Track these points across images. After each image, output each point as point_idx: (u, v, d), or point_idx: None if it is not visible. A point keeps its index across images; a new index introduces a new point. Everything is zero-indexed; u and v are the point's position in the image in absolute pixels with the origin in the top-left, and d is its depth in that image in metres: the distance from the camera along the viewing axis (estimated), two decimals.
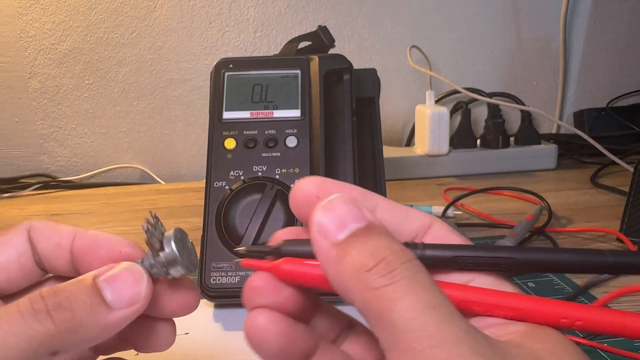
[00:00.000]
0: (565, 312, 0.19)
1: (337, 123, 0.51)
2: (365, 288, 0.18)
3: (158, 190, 0.86)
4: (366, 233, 0.19)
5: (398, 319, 0.17)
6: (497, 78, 1.00)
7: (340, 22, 0.95)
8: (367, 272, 0.18)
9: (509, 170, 0.87)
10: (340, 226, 0.20)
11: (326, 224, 0.20)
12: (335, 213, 0.20)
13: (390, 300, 0.17)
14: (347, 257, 0.19)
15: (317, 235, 0.20)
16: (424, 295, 0.18)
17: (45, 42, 0.91)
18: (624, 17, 1.00)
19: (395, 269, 0.18)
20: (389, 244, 0.19)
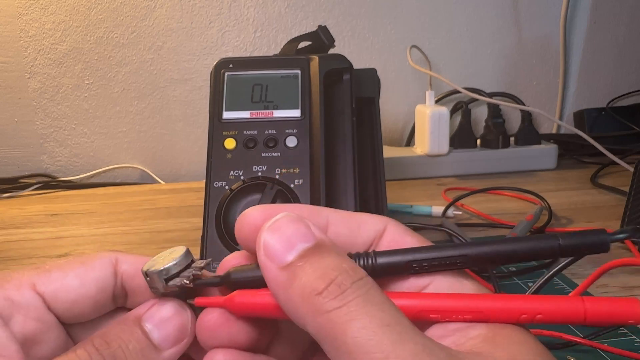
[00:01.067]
0: (524, 307, 0.19)
1: (337, 123, 0.51)
2: (317, 312, 0.18)
3: (158, 190, 0.86)
4: (315, 253, 0.19)
5: (351, 341, 0.17)
6: (497, 78, 1.00)
7: (340, 22, 0.95)
8: (317, 296, 0.18)
9: (509, 170, 0.87)
10: (288, 247, 0.19)
11: (273, 246, 0.19)
12: (282, 233, 0.19)
13: (343, 322, 0.17)
14: (297, 281, 0.18)
15: (265, 259, 0.19)
16: (376, 314, 0.17)
17: (45, 42, 0.91)
18: (624, 17, 1.00)
19: (346, 290, 0.18)
20: (339, 263, 0.19)
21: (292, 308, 0.18)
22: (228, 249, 0.45)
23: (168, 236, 0.64)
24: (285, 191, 0.46)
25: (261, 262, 0.19)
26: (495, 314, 0.19)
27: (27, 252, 0.61)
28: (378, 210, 0.55)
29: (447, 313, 0.19)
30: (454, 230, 0.53)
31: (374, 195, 0.56)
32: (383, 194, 0.55)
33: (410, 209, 0.68)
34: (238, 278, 0.21)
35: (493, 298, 0.19)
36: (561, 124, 0.95)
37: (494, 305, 0.19)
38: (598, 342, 0.37)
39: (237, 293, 0.21)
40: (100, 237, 0.65)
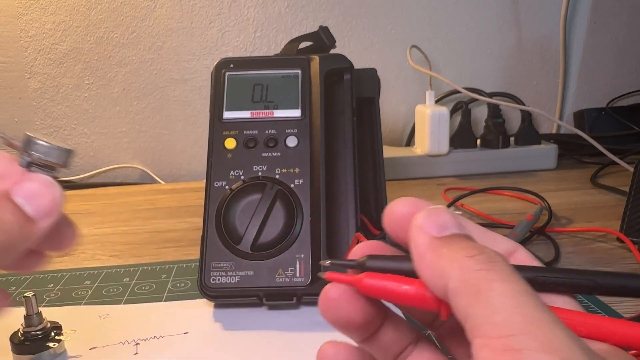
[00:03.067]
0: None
1: (338, 123, 0.51)
2: (465, 269, 0.19)
3: (158, 190, 0.86)
4: (466, 237, 0.21)
5: (496, 294, 0.18)
6: (497, 78, 1.00)
7: (340, 22, 0.95)
8: (469, 258, 0.19)
9: (509, 170, 0.87)
10: (441, 227, 0.21)
11: (428, 224, 0.21)
12: (438, 217, 0.21)
13: (490, 280, 0.18)
14: (448, 247, 0.20)
15: (419, 230, 0.21)
16: (520, 283, 0.18)
17: (45, 42, 0.91)
18: (624, 17, 1.00)
19: (494, 261, 0.19)
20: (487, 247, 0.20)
21: (438, 267, 0.20)
22: (228, 249, 0.45)
23: (168, 236, 0.64)
24: (285, 191, 0.46)
25: (413, 234, 0.21)
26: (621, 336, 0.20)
27: None
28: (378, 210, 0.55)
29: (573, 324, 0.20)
30: None
31: (374, 195, 0.56)
32: (383, 194, 0.55)
33: None
34: (373, 266, 0.23)
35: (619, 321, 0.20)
36: (561, 124, 0.95)
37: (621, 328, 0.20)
38: None
39: (367, 274, 0.22)
40: (100, 237, 0.65)
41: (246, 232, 0.45)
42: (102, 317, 0.45)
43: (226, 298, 0.45)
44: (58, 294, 0.49)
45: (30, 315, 0.38)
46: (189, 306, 0.46)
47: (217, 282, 0.44)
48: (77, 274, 0.54)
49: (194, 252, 0.58)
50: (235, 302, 0.45)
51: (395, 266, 0.22)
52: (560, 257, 0.53)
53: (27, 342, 0.38)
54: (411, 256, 0.21)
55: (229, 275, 0.44)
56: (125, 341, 0.41)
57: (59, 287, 0.51)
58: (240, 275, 0.44)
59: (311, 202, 0.46)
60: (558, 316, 0.19)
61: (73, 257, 0.59)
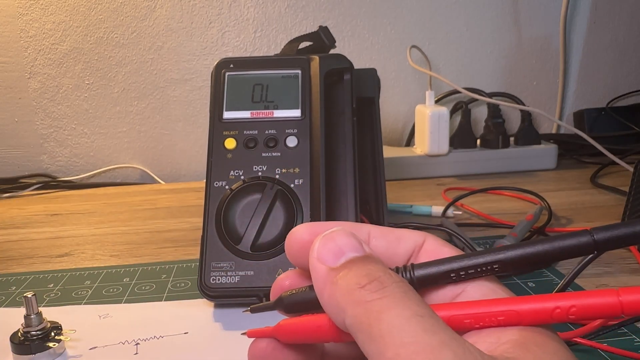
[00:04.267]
0: (556, 303, 0.19)
1: (338, 123, 0.51)
2: (357, 303, 0.19)
3: (158, 190, 0.86)
4: (362, 260, 0.20)
5: (385, 327, 0.18)
6: (497, 78, 1.00)
7: (340, 22, 0.95)
8: (360, 289, 0.19)
9: (509, 170, 0.87)
10: (338, 254, 0.21)
11: (325, 252, 0.21)
12: (335, 243, 0.21)
13: (380, 311, 0.18)
14: (343, 278, 0.20)
15: (316, 262, 0.21)
16: (411, 306, 0.18)
17: (45, 42, 0.91)
18: (624, 17, 1.00)
19: (386, 286, 0.19)
20: (383, 268, 0.20)
21: (335, 303, 0.20)
22: (228, 249, 0.45)
23: (168, 236, 0.64)
24: (285, 191, 0.46)
25: (312, 265, 0.21)
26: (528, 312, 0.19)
27: (27, 252, 0.61)
28: (378, 210, 0.55)
29: (479, 317, 0.20)
30: (454, 230, 0.54)
31: (374, 195, 0.56)
32: (383, 194, 0.55)
33: (410, 209, 0.68)
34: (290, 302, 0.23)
35: (524, 298, 0.20)
36: (561, 124, 0.95)
37: (527, 304, 0.19)
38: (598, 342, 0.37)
39: (284, 322, 0.22)
40: (100, 237, 0.65)
41: (246, 232, 0.45)
42: (102, 317, 0.45)
43: (226, 298, 0.45)
44: (58, 294, 0.49)
45: (30, 315, 0.38)
46: (189, 306, 0.46)
47: (217, 282, 0.44)
48: (77, 274, 0.54)
49: (194, 252, 0.58)
50: (235, 302, 0.45)
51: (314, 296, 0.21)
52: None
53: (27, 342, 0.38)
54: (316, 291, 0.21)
55: (229, 275, 0.44)
56: (125, 341, 0.41)
57: (59, 287, 0.51)
58: (240, 275, 0.44)
59: (311, 202, 0.46)
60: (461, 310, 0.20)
61: (73, 257, 0.59)
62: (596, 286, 0.47)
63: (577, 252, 0.20)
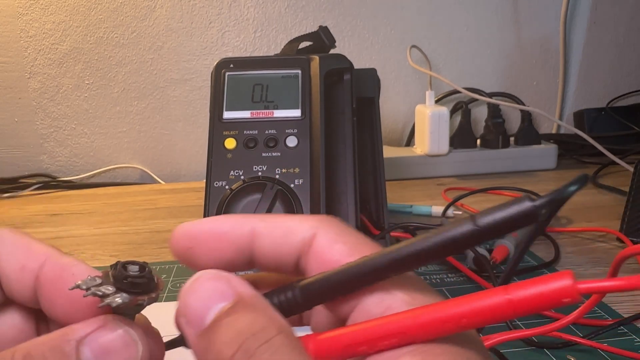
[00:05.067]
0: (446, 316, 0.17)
1: (338, 123, 0.51)
2: None
3: (158, 190, 0.86)
4: (232, 312, 0.18)
5: None
6: (497, 78, 1.00)
7: (340, 22, 0.95)
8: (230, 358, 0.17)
9: (509, 170, 0.87)
10: (205, 309, 0.18)
11: (191, 310, 0.19)
12: (199, 295, 0.19)
13: None
14: (210, 349, 0.18)
15: (184, 325, 0.19)
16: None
17: (45, 42, 0.91)
18: (624, 17, 1.00)
19: (252, 355, 0.17)
20: (253, 322, 0.18)
21: None
22: None
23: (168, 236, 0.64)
24: (285, 191, 0.46)
25: (180, 327, 0.19)
26: (418, 331, 0.17)
27: None
28: (378, 210, 0.55)
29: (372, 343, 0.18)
30: None
31: (374, 195, 0.56)
32: (383, 194, 0.55)
33: (410, 209, 0.68)
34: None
35: (413, 313, 0.18)
36: (561, 124, 0.95)
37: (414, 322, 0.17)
38: (598, 342, 0.37)
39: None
40: (100, 237, 0.65)
41: None
42: None
43: None
44: None
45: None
46: None
47: None
48: None
49: None
50: None
51: None
52: (560, 257, 0.53)
53: None
54: None
55: None
56: None
57: None
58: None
59: (311, 202, 0.46)
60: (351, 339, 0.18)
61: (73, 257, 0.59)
62: None
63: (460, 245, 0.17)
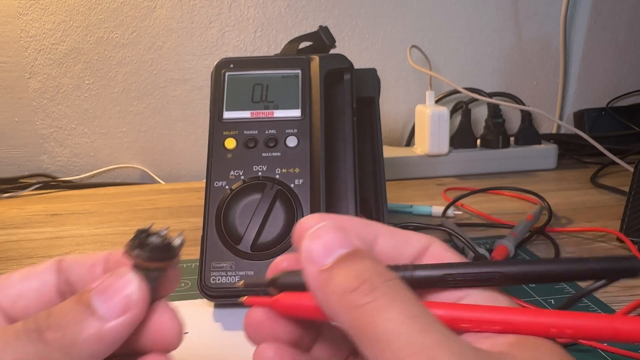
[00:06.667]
0: (554, 322, 0.19)
1: (338, 123, 0.51)
2: (350, 308, 0.19)
3: (158, 190, 0.86)
4: (351, 257, 0.20)
5: (381, 331, 0.18)
6: (497, 78, 1.00)
7: (340, 22, 0.95)
8: (351, 293, 0.19)
9: (509, 170, 0.87)
10: (327, 252, 0.21)
11: (313, 251, 0.21)
12: (322, 240, 0.21)
13: (373, 315, 0.18)
14: (333, 281, 0.20)
15: (306, 263, 0.21)
16: (404, 308, 0.18)
17: (45, 42, 0.91)
18: (624, 17, 1.00)
19: (377, 288, 0.19)
20: (372, 266, 0.20)
21: (330, 306, 0.20)
22: (228, 249, 0.45)
23: None
24: (285, 191, 0.46)
25: (303, 266, 0.21)
26: (525, 326, 0.20)
27: (27, 252, 0.61)
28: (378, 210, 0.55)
29: (477, 323, 0.20)
30: (454, 230, 0.54)
31: (374, 195, 0.56)
32: (383, 194, 0.55)
33: (410, 209, 0.68)
34: (283, 282, 0.23)
35: (524, 311, 0.20)
36: (561, 124, 0.95)
37: (525, 318, 0.20)
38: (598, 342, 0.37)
39: (283, 295, 0.23)
40: (100, 237, 0.65)
41: (246, 232, 0.45)
42: None
43: (226, 298, 0.45)
44: None
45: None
46: (189, 306, 0.46)
47: (217, 282, 0.44)
48: None
49: (193, 252, 0.57)
50: (235, 302, 0.45)
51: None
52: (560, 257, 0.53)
53: None
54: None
55: (228, 275, 0.44)
56: None
57: None
58: (240, 276, 0.44)
59: (311, 202, 0.46)
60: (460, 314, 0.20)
61: None
62: None
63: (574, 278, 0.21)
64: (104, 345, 0.21)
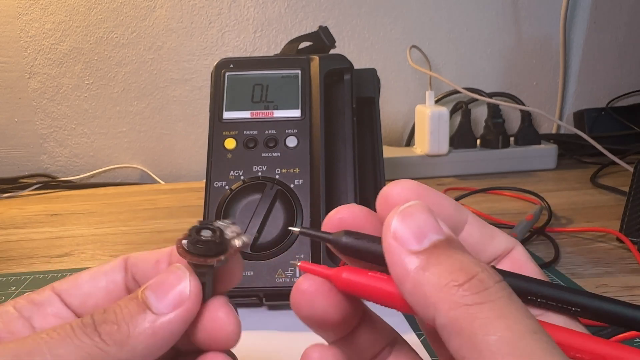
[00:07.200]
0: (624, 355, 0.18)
1: (338, 123, 0.51)
2: (454, 304, 0.16)
3: (158, 190, 0.86)
4: (448, 246, 0.18)
5: (495, 341, 0.16)
6: (497, 78, 1.00)
7: (341, 22, 0.95)
8: (457, 287, 0.17)
9: (509, 170, 0.87)
10: (419, 235, 0.18)
11: (404, 231, 0.18)
12: (414, 221, 0.18)
13: (485, 319, 0.16)
14: (432, 268, 0.17)
15: (393, 242, 0.18)
16: (522, 319, 0.16)
17: (45, 42, 0.91)
18: (624, 17, 1.00)
19: (489, 288, 0.17)
20: (478, 262, 0.18)
21: (421, 296, 0.17)
22: None
23: (168, 236, 0.64)
24: (285, 191, 0.46)
25: (387, 245, 0.18)
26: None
27: (27, 252, 0.61)
28: None
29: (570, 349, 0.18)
30: None
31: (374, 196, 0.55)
32: None
33: None
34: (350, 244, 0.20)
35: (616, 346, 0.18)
36: (561, 124, 0.95)
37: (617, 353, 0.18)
38: None
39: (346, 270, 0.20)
40: (100, 237, 0.65)
41: (246, 232, 0.45)
42: None
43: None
44: None
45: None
46: None
47: None
48: None
49: None
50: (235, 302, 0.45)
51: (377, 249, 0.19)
52: (560, 257, 0.53)
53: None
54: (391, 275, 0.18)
55: None
56: None
57: None
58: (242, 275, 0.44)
59: (311, 202, 0.46)
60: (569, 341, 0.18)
61: (73, 257, 0.59)
62: (596, 286, 0.47)
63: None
64: (159, 340, 0.20)
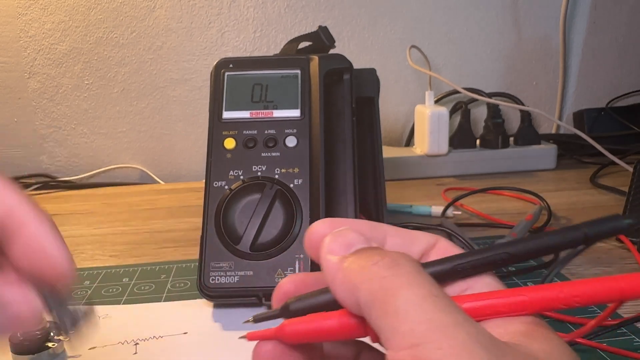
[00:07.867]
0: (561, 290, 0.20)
1: (337, 123, 0.51)
2: (371, 279, 0.19)
3: (158, 190, 0.86)
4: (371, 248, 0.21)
5: (401, 304, 0.18)
6: (497, 78, 1.00)
7: (340, 22, 0.95)
8: (373, 265, 0.20)
9: (509, 170, 0.87)
10: (348, 246, 0.21)
11: (335, 245, 0.21)
12: (343, 238, 0.22)
13: (395, 287, 0.19)
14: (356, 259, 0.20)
15: (327, 255, 0.21)
16: (426, 286, 0.19)
17: (44, 42, 0.91)
18: (624, 17, 1.00)
19: (400, 264, 0.19)
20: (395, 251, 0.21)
21: (347, 282, 0.20)
22: (227, 249, 0.45)
23: (168, 236, 0.64)
24: (284, 191, 0.46)
25: (323, 259, 0.21)
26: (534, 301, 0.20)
27: None
28: (378, 210, 0.55)
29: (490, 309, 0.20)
30: (454, 230, 0.53)
31: (373, 195, 0.56)
32: (383, 194, 0.55)
33: (409, 209, 0.68)
34: (297, 307, 0.22)
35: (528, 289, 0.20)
36: (561, 124, 0.95)
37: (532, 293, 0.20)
38: (597, 342, 0.37)
39: (287, 322, 0.22)
40: (100, 237, 0.65)
41: (245, 232, 0.45)
42: (102, 317, 0.45)
43: (225, 298, 0.45)
44: None
45: None
46: (189, 306, 0.46)
47: (216, 282, 0.44)
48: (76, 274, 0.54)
49: (193, 252, 0.58)
50: (234, 302, 0.45)
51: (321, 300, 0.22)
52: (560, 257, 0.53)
53: (27, 342, 0.38)
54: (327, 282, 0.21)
55: (228, 275, 0.44)
56: (124, 341, 0.41)
57: None
58: (240, 275, 0.44)
59: (311, 202, 0.46)
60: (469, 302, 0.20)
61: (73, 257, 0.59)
62: None
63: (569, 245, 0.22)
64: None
